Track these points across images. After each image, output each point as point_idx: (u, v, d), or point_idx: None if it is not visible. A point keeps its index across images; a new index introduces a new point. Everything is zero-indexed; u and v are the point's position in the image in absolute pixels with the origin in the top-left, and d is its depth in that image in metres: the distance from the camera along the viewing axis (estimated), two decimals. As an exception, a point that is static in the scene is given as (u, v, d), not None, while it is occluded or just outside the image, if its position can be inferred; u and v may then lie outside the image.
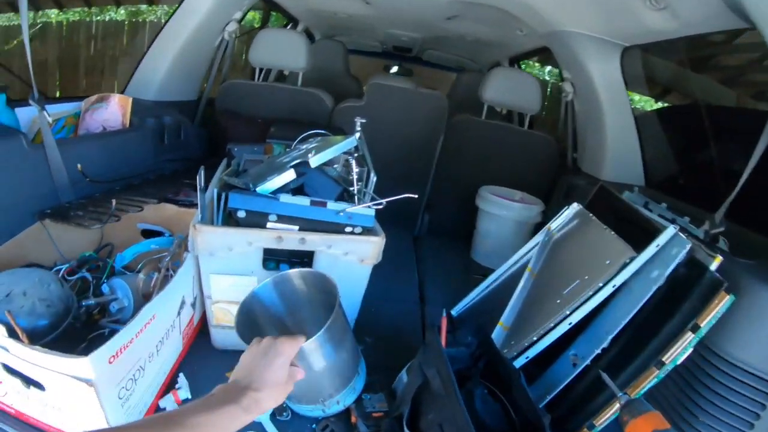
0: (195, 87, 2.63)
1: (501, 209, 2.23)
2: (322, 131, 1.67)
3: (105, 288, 1.32)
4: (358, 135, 1.48)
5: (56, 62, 3.97)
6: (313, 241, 1.22)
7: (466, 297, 1.66)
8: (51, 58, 3.93)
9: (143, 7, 4.21)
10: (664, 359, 1.11)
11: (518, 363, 1.24)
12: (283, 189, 1.26)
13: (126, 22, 4.27)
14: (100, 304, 1.30)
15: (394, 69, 4.70)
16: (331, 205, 1.22)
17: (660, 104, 2.54)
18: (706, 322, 1.09)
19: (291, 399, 1.18)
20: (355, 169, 1.32)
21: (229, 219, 1.27)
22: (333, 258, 1.25)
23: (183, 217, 1.59)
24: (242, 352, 0.90)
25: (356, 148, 1.39)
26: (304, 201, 1.21)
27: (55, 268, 1.33)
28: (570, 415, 1.19)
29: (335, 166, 1.50)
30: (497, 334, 1.36)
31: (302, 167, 1.29)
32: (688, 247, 1.16)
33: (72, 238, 1.47)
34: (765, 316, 1.09)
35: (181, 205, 1.64)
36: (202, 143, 2.47)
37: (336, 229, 1.24)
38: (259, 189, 1.23)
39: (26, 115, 1.67)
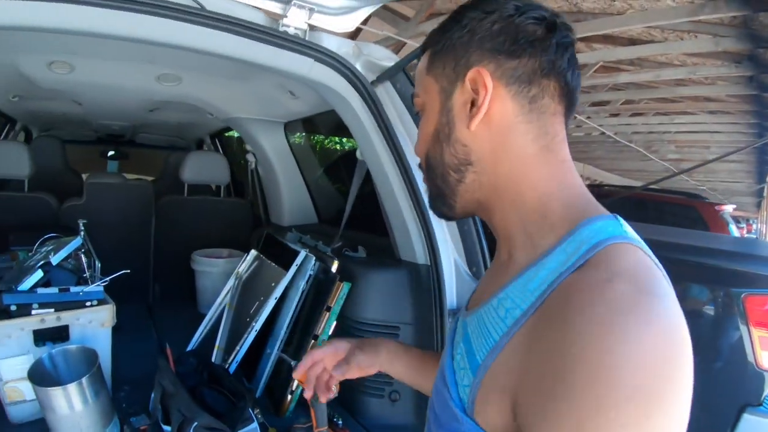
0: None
1: (210, 267, 2.81)
2: (54, 234, 2.13)
3: None
4: (81, 235, 2.01)
5: None
6: (66, 316, 1.70)
7: (194, 336, 2.27)
8: None
9: None
10: (317, 332, 1.81)
11: (233, 367, 1.89)
12: (37, 284, 1.70)
13: None
14: None
15: (111, 153, 5.00)
16: (73, 289, 1.74)
17: (322, 161, 3.59)
18: (334, 303, 1.81)
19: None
20: (84, 260, 1.87)
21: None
22: (81, 327, 1.73)
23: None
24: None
25: (83, 245, 1.93)
26: (54, 290, 1.70)
27: None
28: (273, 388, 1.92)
29: (70, 260, 1.98)
30: (217, 354, 2.04)
31: (46, 266, 1.76)
32: (313, 261, 1.94)
33: None
34: (369, 289, 1.85)
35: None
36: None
37: (79, 306, 1.74)
38: (20, 287, 1.66)
39: None
